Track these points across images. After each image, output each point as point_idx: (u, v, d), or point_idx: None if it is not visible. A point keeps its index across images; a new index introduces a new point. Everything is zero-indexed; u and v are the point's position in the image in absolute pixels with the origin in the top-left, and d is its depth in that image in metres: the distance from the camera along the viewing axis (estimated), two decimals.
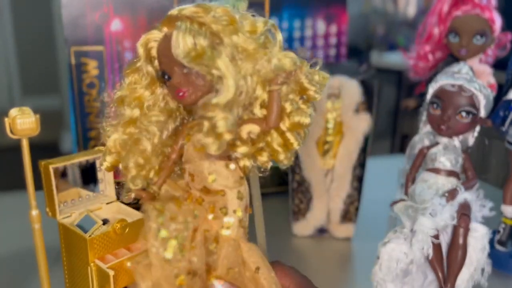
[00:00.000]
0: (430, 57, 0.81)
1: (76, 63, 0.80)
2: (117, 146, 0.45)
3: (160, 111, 0.46)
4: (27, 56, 3.79)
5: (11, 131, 0.50)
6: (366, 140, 0.79)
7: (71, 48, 0.79)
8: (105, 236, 0.52)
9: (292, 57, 0.43)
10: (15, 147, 0.55)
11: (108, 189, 0.58)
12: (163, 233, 0.41)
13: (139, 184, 0.45)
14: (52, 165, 0.52)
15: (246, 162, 0.45)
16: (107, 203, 0.58)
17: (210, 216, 0.44)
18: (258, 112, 0.44)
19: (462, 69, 0.63)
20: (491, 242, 0.64)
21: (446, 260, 0.60)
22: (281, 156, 0.45)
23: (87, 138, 0.83)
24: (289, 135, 0.44)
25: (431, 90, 0.63)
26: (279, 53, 0.43)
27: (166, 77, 0.43)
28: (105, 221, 0.54)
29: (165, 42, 0.42)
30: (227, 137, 0.40)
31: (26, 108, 0.51)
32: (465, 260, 0.60)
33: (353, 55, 0.50)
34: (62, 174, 0.56)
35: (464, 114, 0.60)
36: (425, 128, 0.65)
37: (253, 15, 0.43)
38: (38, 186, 0.53)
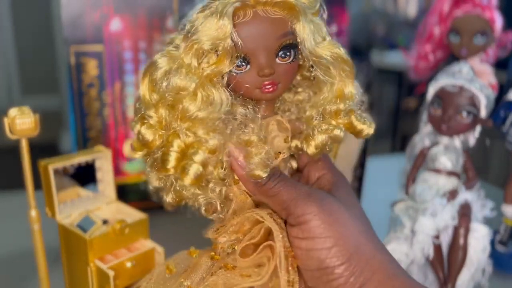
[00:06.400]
0: (431, 57, 0.81)
1: (75, 62, 0.79)
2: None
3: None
4: (26, 55, 3.79)
5: (11, 131, 0.49)
6: (366, 140, 0.79)
7: (70, 48, 0.79)
8: (105, 236, 0.51)
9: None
10: (15, 147, 0.55)
11: (108, 189, 0.58)
12: None
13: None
14: (52, 165, 0.52)
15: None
16: (107, 203, 0.58)
17: None
18: None
19: (462, 68, 0.63)
20: (492, 242, 0.64)
21: (447, 260, 0.60)
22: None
23: (87, 138, 0.83)
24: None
25: (432, 90, 0.63)
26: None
27: (245, 63, 0.35)
28: (104, 221, 0.53)
29: (263, 24, 0.35)
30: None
31: (25, 108, 0.50)
32: (465, 260, 0.59)
33: (354, 55, 0.50)
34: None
35: (464, 114, 0.60)
36: (425, 128, 0.65)
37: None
38: (37, 186, 0.53)
